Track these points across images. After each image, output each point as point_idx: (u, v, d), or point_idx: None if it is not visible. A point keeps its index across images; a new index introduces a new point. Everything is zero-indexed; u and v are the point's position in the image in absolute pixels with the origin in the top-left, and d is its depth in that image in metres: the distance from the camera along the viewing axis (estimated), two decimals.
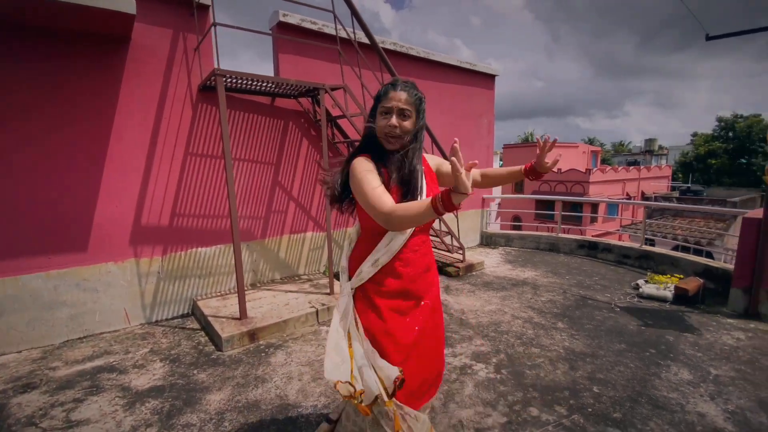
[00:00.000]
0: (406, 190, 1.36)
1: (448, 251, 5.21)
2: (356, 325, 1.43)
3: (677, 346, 2.94)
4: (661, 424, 2.08)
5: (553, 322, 3.41)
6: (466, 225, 6.29)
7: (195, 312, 3.77)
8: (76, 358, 3.00)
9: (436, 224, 5.04)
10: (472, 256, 5.47)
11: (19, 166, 3.00)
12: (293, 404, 2.35)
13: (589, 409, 2.22)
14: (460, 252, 5.06)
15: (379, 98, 1.41)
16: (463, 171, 1.04)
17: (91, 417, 2.28)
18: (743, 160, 32.18)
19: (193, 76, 3.65)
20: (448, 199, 1.07)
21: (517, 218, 19.32)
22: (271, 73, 4.24)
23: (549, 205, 18.01)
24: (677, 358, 2.76)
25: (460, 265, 4.88)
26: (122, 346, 3.18)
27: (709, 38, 3.70)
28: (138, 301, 3.58)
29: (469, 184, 1.05)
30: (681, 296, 3.72)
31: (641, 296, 3.92)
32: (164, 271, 3.69)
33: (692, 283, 3.78)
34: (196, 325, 3.57)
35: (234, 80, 3.40)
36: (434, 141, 4.69)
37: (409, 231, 1.41)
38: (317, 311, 3.52)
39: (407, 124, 1.36)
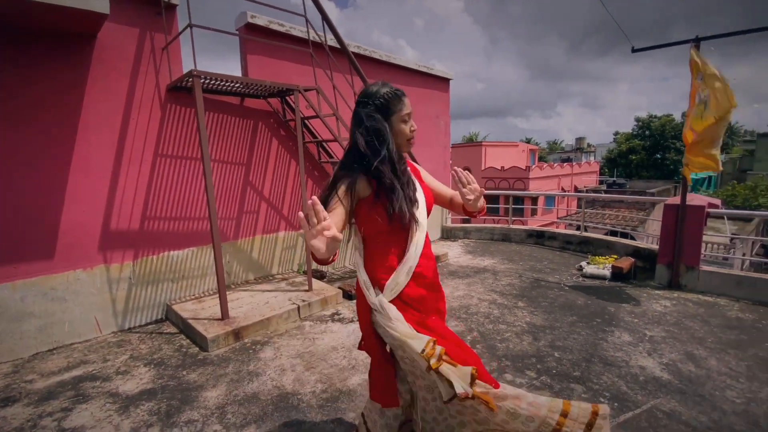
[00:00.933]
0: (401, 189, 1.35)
1: None
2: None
3: (618, 315, 3.46)
4: (612, 378, 2.50)
5: (514, 302, 3.82)
6: (429, 221, 6.63)
7: (170, 316, 3.72)
8: (51, 369, 2.87)
9: None
10: (437, 248, 5.82)
11: None
12: (292, 392, 2.48)
13: (554, 371, 2.59)
14: None
15: (389, 107, 1.37)
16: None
17: (85, 423, 2.25)
18: (658, 156, 36.22)
19: (161, 76, 3.59)
20: None
21: (467, 218, 20.29)
22: (237, 73, 4.24)
23: (494, 201, 19.10)
24: (619, 325, 3.26)
25: None
26: (98, 355, 3.08)
27: (634, 50, 4.31)
28: (109, 308, 3.46)
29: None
30: (617, 274, 4.32)
31: (584, 276, 4.48)
32: (136, 277, 3.59)
33: (626, 263, 4.40)
34: (173, 330, 3.52)
35: (207, 81, 3.41)
36: None
37: (422, 234, 1.43)
38: (299, 307, 3.64)
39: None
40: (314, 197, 1.07)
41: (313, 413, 2.26)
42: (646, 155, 36.49)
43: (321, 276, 4.67)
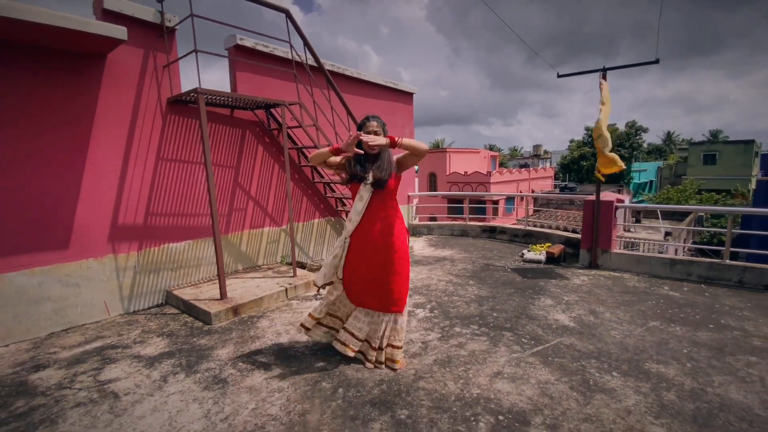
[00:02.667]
0: (379, 174, 2.49)
1: None
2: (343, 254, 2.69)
3: (546, 287, 4.35)
4: (533, 327, 3.33)
5: (466, 281, 4.63)
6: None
7: (170, 300, 4.21)
8: (71, 344, 3.33)
9: None
10: None
11: (4, 172, 3.25)
12: (288, 347, 3.11)
13: (491, 324, 3.39)
14: None
15: (360, 127, 2.56)
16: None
17: (119, 376, 2.77)
18: None
19: (163, 90, 4.12)
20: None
21: (433, 218, 21.37)
22: (221, 84, 4.82)
23: (459, 203, 20.27)
24: (545, 293, 4.13)
25: None
26: (112, 332, 3.55)
27: (559, 76, 5.29)
28: (117, 293, 3.92)
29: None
30: (550, 258, 5.26)
31: (525, 260, 5.39)
32: (140, 265, 4.08)
33: (557, 249, 5.35)
34: (174, 311, 4.03)
35: (206, 96, 3.98)
36: None
37: (360, 206, 2.55)
38: (286, 289, 4.25)
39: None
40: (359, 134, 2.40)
41: (307, 359, 2.90)
42: (595, 161, 39.32)
43: (302, 266, 5.28)
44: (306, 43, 4.58)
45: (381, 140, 2.40)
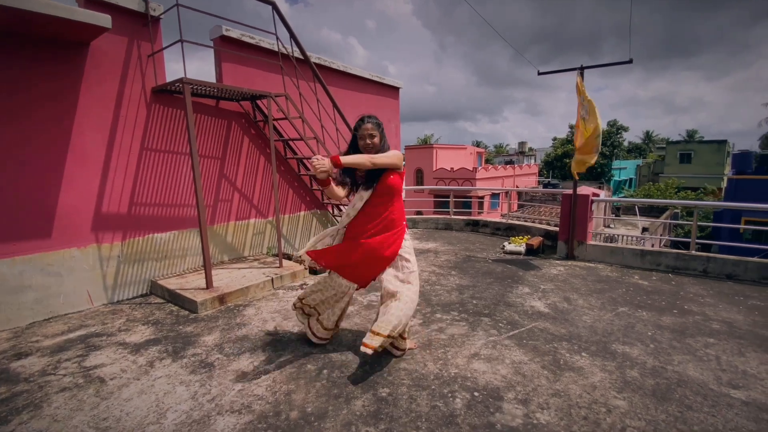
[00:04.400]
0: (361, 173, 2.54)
1: None
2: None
3: (524, 277, 4.52)
4: (510, 313, 3.48)
5: (449, 271, 4.77)
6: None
7: (154, 290, 4.23)
8: (54, 332, 3.33)
9: None
10: None
11: None
12: (274, 333, 3.19)
13: (471, 311, 3.53)
14: None
15: (356, 128, 2.55)
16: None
17: (104, 362, 2.81)
18: None
19: (147, 79, 4.11)
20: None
21: (419, 212, 21.58)
22: (206, 74, 4.82)
23: (445, 201, 20.51)
24: (523, 282, 4.30)
25: None
26: (96, 321, 3.56)
27: (540, 73, 5.45)
28: (100, 283, 3.92)
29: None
30: (530, 249, 5.44)
31: (506, 252, 5.56)
32: (124, 255, 4.08)
33: (536, 241, 5.54)
34: (159, 300, 4.05)
35: (191, 86, 3.99)
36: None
37: (360, 204, 2.55)
38: (272, 279, 4.31)
39: (376, 141, 2.50)
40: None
41: (293, 344, 2.99)
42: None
43: (288, 257, 5.34)
44: (292, 35, 4.61)
45: (324, 165, 2.24)
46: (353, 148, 2.58)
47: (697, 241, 4.69)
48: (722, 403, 2.20)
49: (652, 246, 9.80)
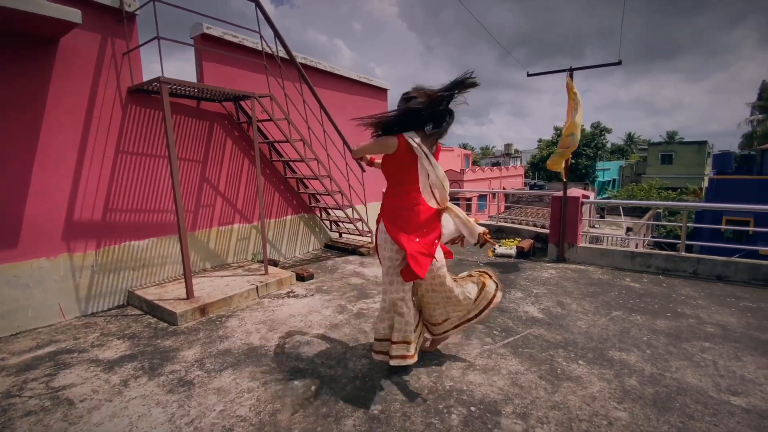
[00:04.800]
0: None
1: (361, 235, 6.19)
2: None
3: (516, 281, 4.44)
4: (504, 319, 3.39)
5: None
6: (373, 214, 7.37)
7: (132, 301, 4.01)
8: (21, 349, 3.10)
9: (350, 212, 5.97)
10: None
11: None
12: (259, 346, 3.03)
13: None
14: (369, 235, 6.10)
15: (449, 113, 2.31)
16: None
17: (74, 381, 2.60)
18: (573, 161, 40.69)
19: (122, 79, 3.90)
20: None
21: None
22: (186, 74, 4.63)
23: None
24: (515, 287, 4.22)
25: (370, 246, 5.92)
26: (67, 336, 3.34)
27: (529, 75, 5.41)
28: (72, 295, 3.69)
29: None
30: (520, 252, 5.38)
31: (496, 255, 5.50)
32: (98, 265, 3.85)
33: (527, 243, 5.49)
34: (137, 312, 3.84)
35: (171, 86, 3.80)
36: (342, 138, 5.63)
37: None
38: (257, 287, 4.14)
39: None
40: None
41: (278, 357, 2.83)
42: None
43: (275, 263, 5.16)
44: (277, 34, 4.46)
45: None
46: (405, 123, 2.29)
47: (687, 242, 4.69)
48: (723, 411, 2.13)
49: (636, 246, 9.92)
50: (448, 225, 2.48)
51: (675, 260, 4.62)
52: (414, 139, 2.25)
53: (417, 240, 2.27)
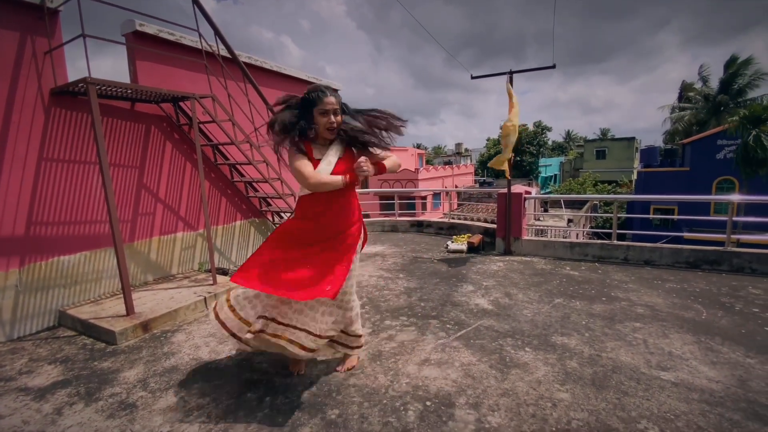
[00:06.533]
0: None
1: None
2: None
3: (467, 274, 4.61)
4: (457, 313, 3.51)
5: (396, 274, 4.73)
6: None
7: (64, 322, 3.68)
8: None
9: None
10: None
11: None
12: (209, 360, 2.89)
13: (419, 314, 3.50)
14: None
15: (313, 102, 2.08)
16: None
17: (1, 413, 2.34)
18: (518, 159, 42.83)
19: (44, 80, 3.56)
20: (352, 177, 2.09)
21: (366, 215, 21.60)
22: (118, 73, 4.33)
23: (390, 201, 20.69)
24: (467, 280, 4.38)
25: None
26: None
27: (473, 77, 5.63)
28: None
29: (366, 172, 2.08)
30: (471, 247, 5.59)
31: (449, 251, 5.67)
32: (23, 284, 3.49)
33: (477, 238, 5.71)
34: (70, 333, 3.52)
35: (98, 87, 3.52)
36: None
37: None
38: (205, 299, 3.95)
39: (339, 118, 2.15)
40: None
41: (230, 370, 2.73)
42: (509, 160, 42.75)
43: (224, 272, 4.96)
44: (217, 32, 4.28)
45: (370, 171, 2.17)
46: (288, 126, 2.11)
47: (609, 231, 5.12)
48: (654, 386, 2.36)
49: (577, 237, 10.70)
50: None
51: (608, 248, 5.02)
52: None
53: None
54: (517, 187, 5.54)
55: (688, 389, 2.33)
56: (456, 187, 29.10)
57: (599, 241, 5.15)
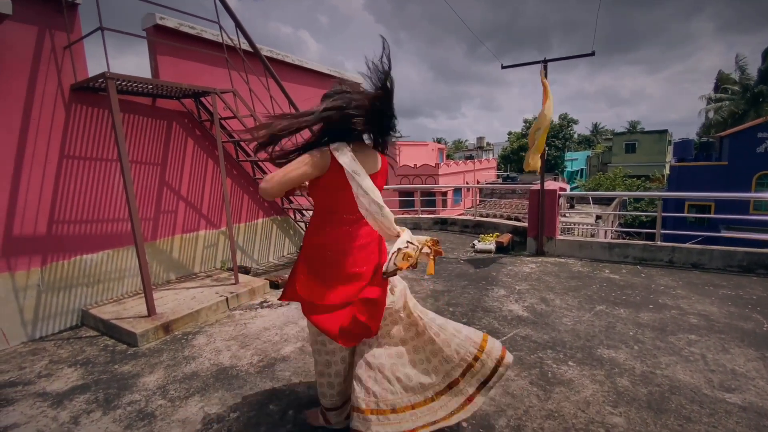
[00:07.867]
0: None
1: None
2: None
3: (498, 277, 4.35)
4: (489, 319, 3.27)
5: (421, 276, 4.52)
6: None
7: (87, 321, 3.64)
8: None
9: None
10: None
11: None
12: (230, 367, 2.77)
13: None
14: None
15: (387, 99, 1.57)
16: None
17: (17, 421, 2.28)
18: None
19: (64, 75, 3.50)
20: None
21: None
22: (141, 70, 4.25)
23: (409, 195, 20.44)
24: (497, 284, 4.13)
25: None
26: (11, 365, 2.97)
27: (503, 67, 5.32)
28: (17, 318, 3.30)
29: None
30: (500, 247, 5.31)
31: (476, 251, 5.41)
32: (45, 283, 3.47)
33: (506, 238, 5.42)
34: (92, 333, 3.49)
35: (119, 82, 3.44)
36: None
37: None
38: (227, 299, 3.85)
39: None
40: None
41: (251, 378, 2.60)
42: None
43: (246, 271, 4.87)
44: (238, 25, 4.14)
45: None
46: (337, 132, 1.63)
47: (644, 230, 4.74)
48: (720, 410, 2.08)
49: (605, 234, 10.19)
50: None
51: (651, 250, 4.66)
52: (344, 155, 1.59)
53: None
54: (550, 183, 5.22)
55: (758, 414, 2.04)
56: (477, 182, 28.51)
57: (641, 242, 4.79)
